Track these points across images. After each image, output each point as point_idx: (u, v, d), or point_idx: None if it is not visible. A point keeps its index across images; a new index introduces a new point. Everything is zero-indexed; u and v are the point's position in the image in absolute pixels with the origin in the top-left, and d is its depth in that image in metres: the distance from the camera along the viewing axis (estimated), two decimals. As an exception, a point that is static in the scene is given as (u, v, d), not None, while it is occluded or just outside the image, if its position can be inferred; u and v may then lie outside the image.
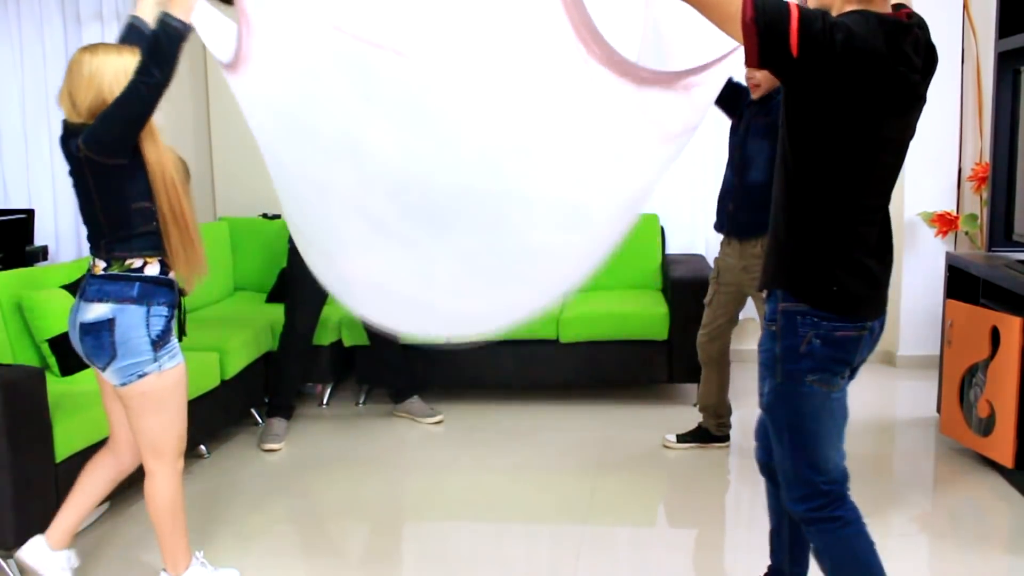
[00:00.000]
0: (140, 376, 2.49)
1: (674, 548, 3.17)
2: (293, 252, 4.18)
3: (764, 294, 2.16)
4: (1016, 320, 3.28)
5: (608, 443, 4.15)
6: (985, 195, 4.49)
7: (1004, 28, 3.87)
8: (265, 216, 5.44)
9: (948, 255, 4.10)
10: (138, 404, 2.53)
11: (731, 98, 3.61)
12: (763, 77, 3.54)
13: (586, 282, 2.95)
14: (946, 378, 3.82)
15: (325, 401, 4.86)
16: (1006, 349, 3.34)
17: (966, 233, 4.90)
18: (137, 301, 2.49)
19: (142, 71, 2.39)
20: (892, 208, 2.09)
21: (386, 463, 4.02)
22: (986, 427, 3.49)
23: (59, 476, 2.96)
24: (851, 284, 1.98)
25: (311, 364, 4.53)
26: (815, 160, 1.92)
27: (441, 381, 4.79)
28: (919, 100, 1.94)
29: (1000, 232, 3.94)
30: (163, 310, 2.53)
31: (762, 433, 2.40)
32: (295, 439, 4.32)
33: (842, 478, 2.11)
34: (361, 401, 4.84)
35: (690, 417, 4.42)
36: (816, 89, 1.80)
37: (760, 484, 3.63)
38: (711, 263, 4.94)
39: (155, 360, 2.50)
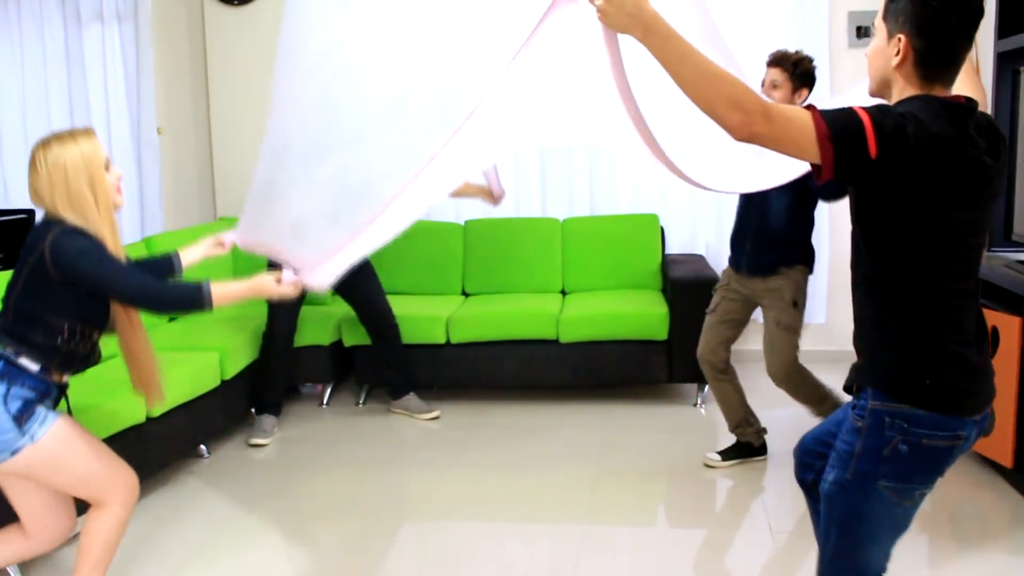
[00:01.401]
0: (14, 453, 2.33)
1: (674, 548, 3.17)
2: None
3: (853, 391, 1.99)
4: (1015, 320, 3.28)
5: (608, 443, 4.15)
6: (985, 195, 4.50)
7: (1003, 28, 3.88)
8: (265, 216, 5.44)
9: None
10: (35, 474, 2.41)
11: None
12: (780, 97, 3.51)
13: (586, 282, 3.00)
14: (946, 378, 3.82)
15: (325, 401, 4.86)
16: (1005, 349, 3.34)
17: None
18: None
19: (147, 294, 2.42)
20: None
21: (386, 463, 4.02)
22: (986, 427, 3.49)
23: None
24: (946, 376, 1.84)
25: (295, 363, 4.55)
26: (894, 251, 1.84)
27: (441, 381, 4.80)
28: (991, 182, 1.84)
29: (999, 232, 3.95)
30: (24, 392, 2.37)
31: (803, 452, 2.33)
32: (295, 439, 4.32)
33: None
34: (361, 401, 4.85)
35: (689, 417, 4.43)
36: (892, 184, 1.75)
37: (761, 484, 3.64)
38: (711, 263, 4.94)
39: (23, 434, 2.34)
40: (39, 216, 6.02)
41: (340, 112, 2.50)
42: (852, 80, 5.10)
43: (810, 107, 1.74)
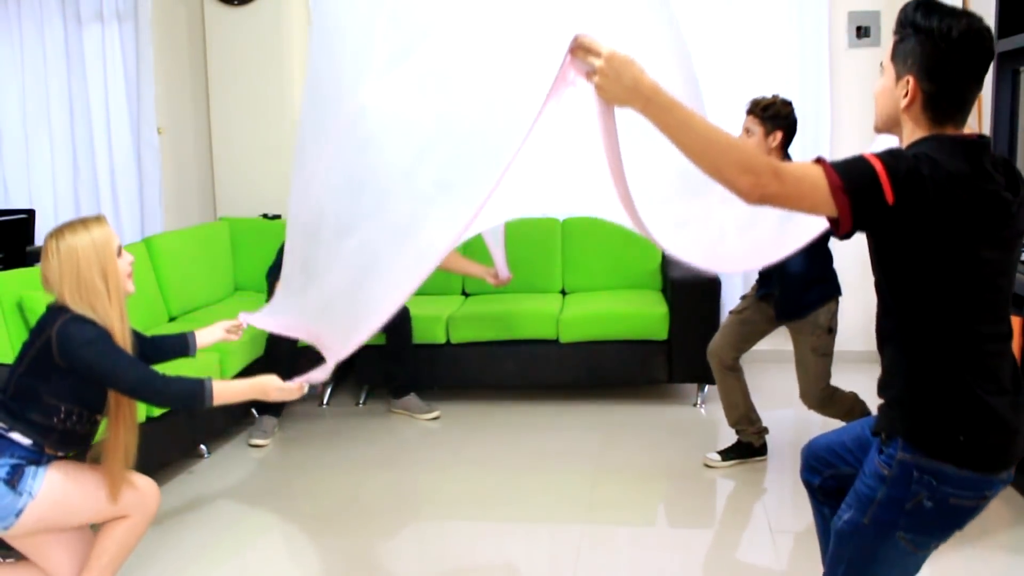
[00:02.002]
0: (18, 515, 2.36)
1: (674, 548, 3.17)
2: (276, 262, 4.28)
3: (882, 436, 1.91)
4: (1016, 320, 3.28)
5: (608, 443, 4.15)
6: (985, 195, 4.50)
7: (1003, 28, 3.88)
8: (265, 216, 5.45)
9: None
10: (49, 525, 2.44)
11: None
12: (754, 143, 3.53)
13: (586, 282, 3.05)
14: (946, 378, 3.81)
15: (325, 401, 4.86)
16: (1006, 349, 3.34)
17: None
18: None
19: (149, 388, 2.43)
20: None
21: (386, 463, 4.02)
22: (986, 427, 3.48)
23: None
24: (981, 432, 1.78)
25: (296, 363, 4.54)
26: (921, 298, 1.79)
27: (441, 381, 4.80)
28: (1012, 217, 1.79)
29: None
30: (13, 460, 2.39)
31: (812, 456, 2.30)
32: (295, 439, 4.32)
33: None
34: (361, 401, 4.85)
35: (689, 417, 4.43)
36: (913, 228, 1.71)
37: (761, 484, 3.64)
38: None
39: (19, 494, 2.36)
40: (39, 216, 6.00)
41: (363, 185, 2.52)
42: (852, 80, 5.10)
43: (819, 160, 1.70)
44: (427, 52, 2.41)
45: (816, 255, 3.55)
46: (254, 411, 4.46)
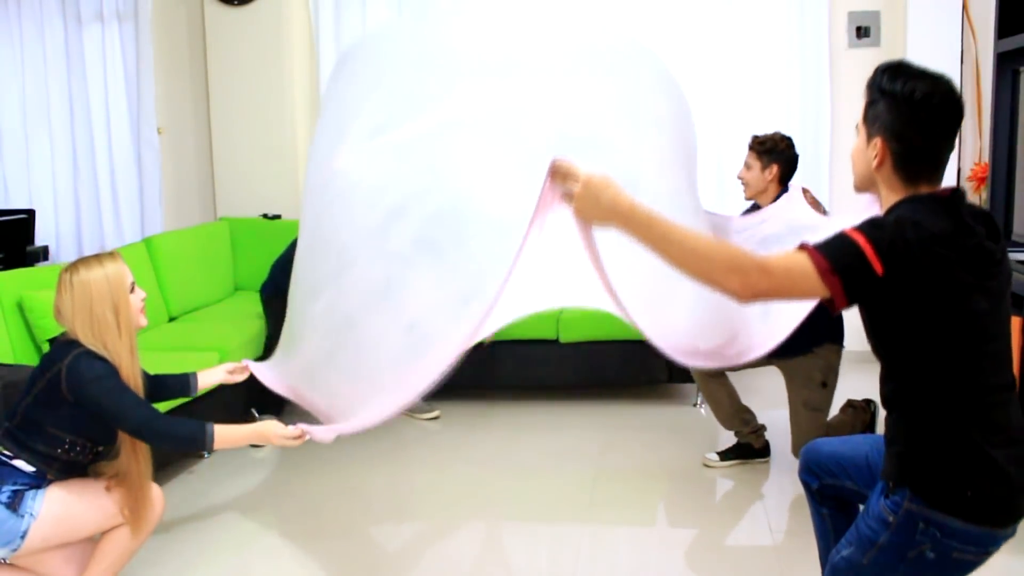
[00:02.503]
0: (23, 536, 2.39)
1: (674, 548, 3.17)
2: (270, 276, 4.36)
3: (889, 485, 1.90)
4: (1016, 320, 3.28)
5: (608, 443, 4.15)
6: (984, 195, 4.50)
7: (1003, 29, 3.87)
8: (265, 216, 5.45)
9: (948, 255, 4.09)
10: (57, 541, 2.47)
11: None
12: (751, 177, 3.62)
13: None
14: (946, 378, 3.81)
15: (325, 401, 4.86)
16: (1005, 349, 3.34)
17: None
18: None
19: (152, 429, 2.45)
20: (891, 209, 2.03)
21: (386, 463, 4.02)
22: (986, 427, 3.48)
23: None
24: (988, 487, 1.78)
25: None
26: (918, 358, 1.80)
27: (441, 381, 4.79)
28: (998, 265, 1.83)
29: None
30: (14, 486, 2.42)
31: (813, 461, 2.30)
32: (295, 439, 4.32)
33: None
34: (361, 401, 4.84)
35: (689, 417, 4.43)
36: (906, 293, 1.73)
37: (761, 484, 3.64)
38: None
39: (21, 516, 2.39)
40: (39, 216, 5.99)
41: (327, 245, 2.56)
42: (852, 80, 5.10)
43: (803, 246, 1.73)
44: (415, 125, 2.45)
45: None
46: (254, 411, 4.46)
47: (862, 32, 5.13)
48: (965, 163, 5.02)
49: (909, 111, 1.78)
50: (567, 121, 2.40)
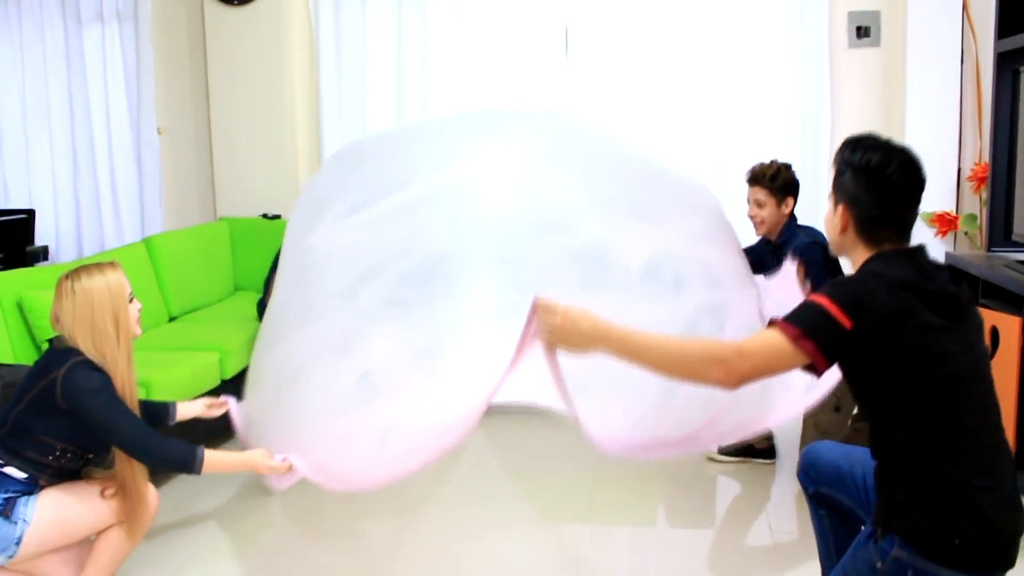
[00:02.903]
0: (18, 542, 2.40)
1: (674, 548, 3.17)
2: (267, 282, 4.38)
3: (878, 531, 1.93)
4: (1016, 320, 3.28)
5: (608, 443, 4.15)
6: (984, 195, 4.50)
7: (1003, 28, 3.88)
8: (265, 216, 5.44)
9: (948, 255, 4.10)
10: (52, 545, 2.47)
11: (758, 263, 3.63)
12: (768, 214, 3.61)
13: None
14: (946, 378, 3.81)
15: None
16: (1006, 349, 3.34)
17: (965, 233, 4.90)
18: None
19: (144, 446, 2.45)
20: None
21: (386, 463, 4.02)
22: (986, 427, 3.49)
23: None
24: (976, 535, 1.80)
25: None
26: (897, 406, 1.85)
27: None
28: (965, 307, 1.90)
29: (999, 232, 3.95)
30: (6, 494, 2.43)
31: (811, 465, 2.32)
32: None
33: None
34: (361, 401, 4.84)
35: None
36: (880, 343, 1.80)
37: (762, 484, 3.64)
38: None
39: (14, 522, 2.40)
40: (39, 216, 5.99)
41: (292, 304, 2.63)
42: (852, 80, 5.10)
43: (772, 322, 1.83)
44: (393, 199, 2.54)
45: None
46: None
47: (862, 32, 5.13)
48: (965, 163, 5.02)
49: (867, 180, 1.90)
50: (537, 206, 2.53)
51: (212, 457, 2.50)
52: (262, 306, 4.43)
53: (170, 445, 2.49)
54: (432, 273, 2.44)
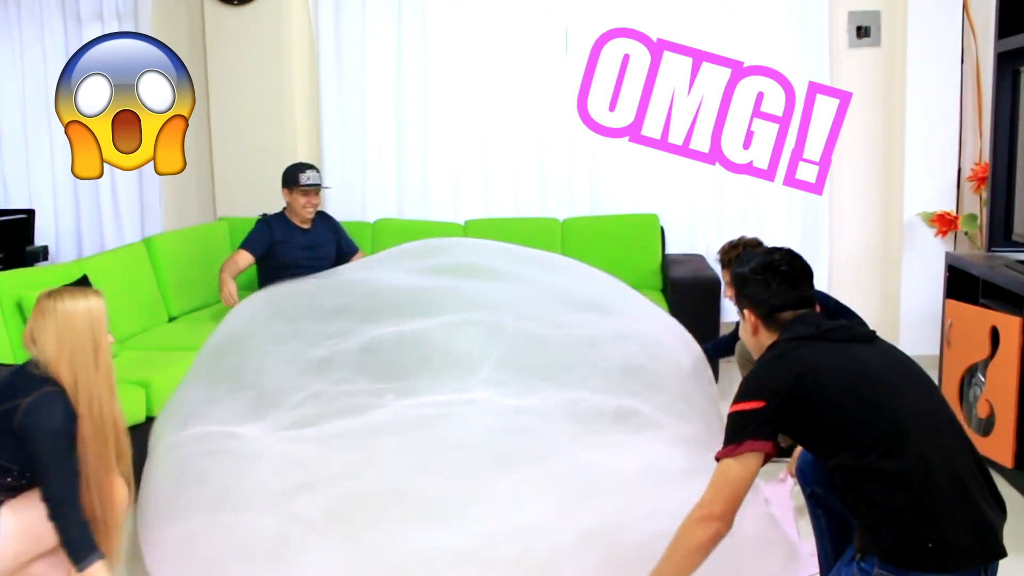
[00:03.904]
0: None
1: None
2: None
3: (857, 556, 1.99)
4: (1016, 320, 3.28)
5: (608, 443, 4.14)
6: (985, 195, 4.50)
7: (1003, 28, 3.87)
8: (265, 216, 5.44)
9: (948, 255, 4.09)
10: (28, 554, 2.42)
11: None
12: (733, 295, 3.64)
13: None
14: (946, 378, 3.82)
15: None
16: (1006, 349, 3.34)
17: (966, 233, 4.90)
18: None
19: (62, 510, 2.36)
20: (890, 209, 2.10)
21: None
22: (986, 427, 3.49)
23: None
24: (948, 535, 1.85)
25: None
26: (839, 451, 1.96)
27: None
28: (871, 340, 2.11)
29: (1000, 232, 3.94)
30: None
31: (805, 464, 2.37)
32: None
33: None
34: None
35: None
36: (802, 394, 1.98)
37: (767, 482, 3.63)
38: (711, 263, 4.94)
39: None
40: (39, 216, 5.97)
41: (208, 484, 2.60)
42: (852, 80, 5.09)
43: (716, 457, 2.02)
44: (347, 424, 2.58)
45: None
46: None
47: (862, 32, 5.13)
48: (965, 163, 5.02)
49: (763, 278, 2.15)
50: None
51: (97, 570, 2.36)
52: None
53: (77, 528, 2.35)
54: (386, 502, 2.43)
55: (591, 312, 2.89)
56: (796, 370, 1.98)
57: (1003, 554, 1.91)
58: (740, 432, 1.98)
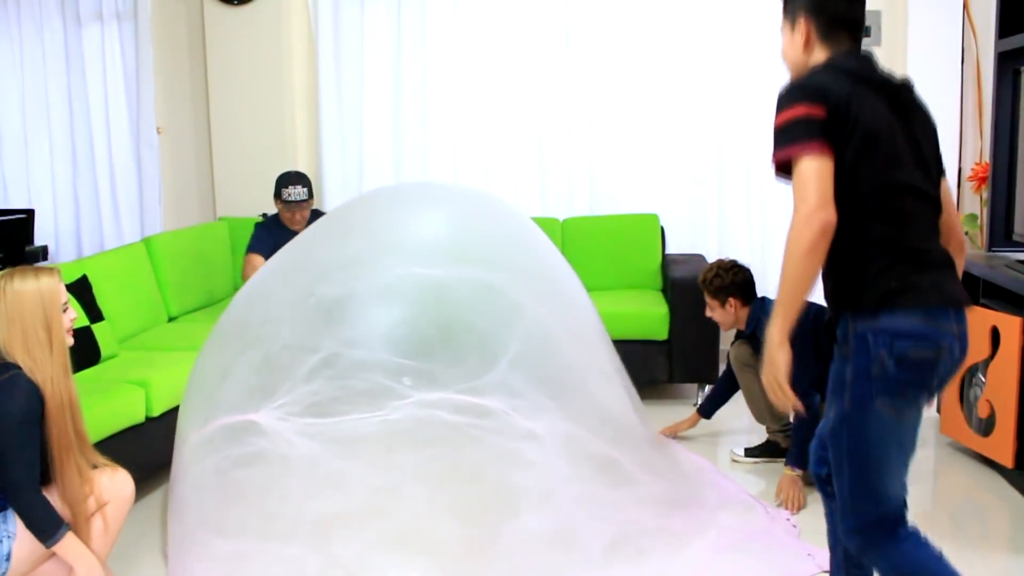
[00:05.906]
0: (8, 558, 2.37)
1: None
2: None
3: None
4: (1016, 320, 3.28)
5: (608, 443, 4.14)
6: (985, 195, 4.50)
7: (1004, 28, 3.88)
8: (265, 216, 5.44)
9: (948, 255, 4.09)
10: (42, 552, 2.43)
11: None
12: (718, 316, 3.72)
13: (586, 282, 3.17)
14: (946, 378, 3.82)
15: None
16: (1006, 349, 3.34)
17: (966, 233, 4.91)
18: None
19: (21, 495, 2.36)
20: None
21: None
22: (986, 427, 3.49)
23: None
24: (907, 273, 1.95)
25: None
26: (848, 188, 1.96)
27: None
28: (906, 92, 2.06)
29: (1000, 232, 3.95)
30: None
31: (818, 446, 2.32)
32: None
33: (899, 509, 2.04)
34: (361, 401, 4.83)
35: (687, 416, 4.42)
36: (842, 120, 1.94)
37: (767, 483, 3.64)
38: (711, 263, 4.94)
39: (0, 539, 2.37)
40: (39, 216, 5.97)
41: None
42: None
43: (780, 158, 1.96)
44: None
45: (799, 372, 3.47)
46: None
47: (862, 32, 5.13)
48: (966, 163, 5.02)
49: None
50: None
51: (69, 542, 2.39)
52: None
53: (39, 508, 2.37)
54: (410, 546, 2.60)
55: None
56: (849, 91, 1.95)
57: (961, 302, 2.00)
58: (809, 132, 1.91)
